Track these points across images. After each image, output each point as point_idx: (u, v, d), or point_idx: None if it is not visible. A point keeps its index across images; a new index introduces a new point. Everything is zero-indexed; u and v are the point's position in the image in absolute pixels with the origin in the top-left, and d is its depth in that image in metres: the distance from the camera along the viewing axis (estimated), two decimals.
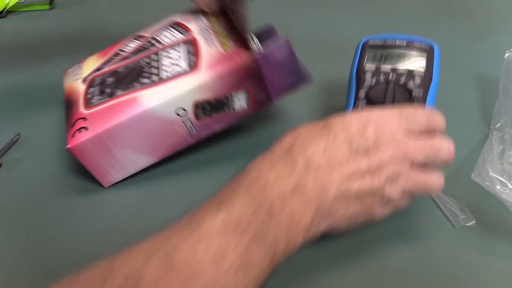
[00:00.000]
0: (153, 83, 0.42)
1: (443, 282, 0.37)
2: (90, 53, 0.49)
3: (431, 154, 0.36)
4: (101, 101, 0.42)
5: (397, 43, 0.47)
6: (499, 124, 0.49)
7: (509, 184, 0.39)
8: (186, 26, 0.47)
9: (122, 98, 0.42)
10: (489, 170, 0.40)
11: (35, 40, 0.68)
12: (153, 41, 0.47)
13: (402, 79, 0.44)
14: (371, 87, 0.44)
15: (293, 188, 0.32)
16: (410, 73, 0.45)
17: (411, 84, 0.44)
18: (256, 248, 0.30)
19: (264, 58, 0.41)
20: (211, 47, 0.43)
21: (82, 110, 0.42)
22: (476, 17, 0.74)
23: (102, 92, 0.43)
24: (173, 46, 0.45)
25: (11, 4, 0.73)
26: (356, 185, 0.33)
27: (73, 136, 0.41)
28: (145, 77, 0.42)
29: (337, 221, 0.34)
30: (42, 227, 0.41)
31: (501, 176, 0.39)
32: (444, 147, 0.37)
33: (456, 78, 0.60)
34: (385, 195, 0.35)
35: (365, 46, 0.49)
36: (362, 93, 0.44)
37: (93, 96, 0.44)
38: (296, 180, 0.32)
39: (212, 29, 0.45)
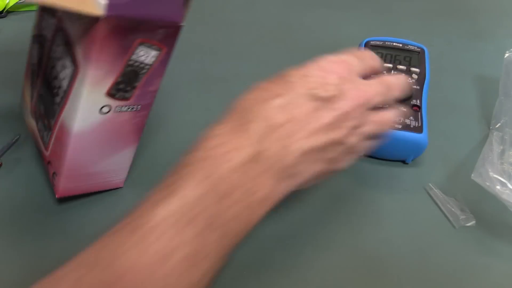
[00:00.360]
0: (63, 101, 0.37)
1: (443, 282, 0.37)
2: None
3: (388, 93, 0.35)
4: (48, 137, 0.40)
5: (394, 44, 0.55)
6: (499, 124, 0.49)
7: (509, 184, 0.39)
8: (52, 9, 0.38)
9: (56, 128, 0.39)
10: (489, 170, 0.40)
11: None
12: (41, 39, 0.40)
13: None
14: None
15: (249, 159, 0.29)
16: (408, 70, 0.51)
17: (410, 80, 0.49)
18: (209, 236, 0.27)
19: (113, 7, 0.32)
20: (75, 26, 0.35)
21: (45, 152, 0.41)
22: (476, 17, 0.74)
23: (45, 127, 0.41)
24: (53, 40, 0.38)
25: (11, 4, 0.73)
26: (321, 141, 0.31)
27: (53, 184, 0.41)
28: (56, 94, 0.38)
29: (302, 181, 0.32)
30: (42, 227, 0.41)
31: (501, 176, 0.39)
32: (396, 81, 0.36)
33: (456, 78, 0.60)
34: (350, 145, 0.33)
35: (367, 46, 0.55)
36: None
37: (42, 133, 0.42)
38: (252, 149, 0.29)
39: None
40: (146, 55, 0.36)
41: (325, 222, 0.42)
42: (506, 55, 0.53)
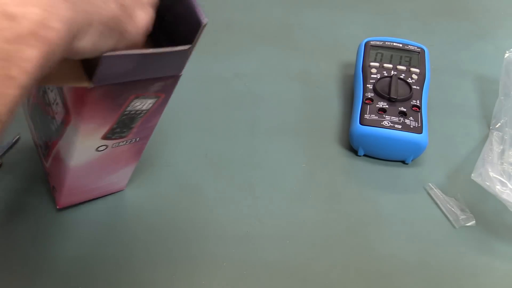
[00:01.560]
0: (58, 133, 0.35)
1: (443, 282, 0.37)
2: None
3: None
4: (46, 153, 0.39)
5: (394, 44, 0.55)
6: (499, 124, 0.49)
7: (509, 184, 0.39)
8: None
9: (52, 152, 0.37)
10: (489, 170, 0.40)
11: None
12: None
13: (402, 75, 0.50)
14: (377, 81, 0.50)
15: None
16: (408, 70, 0.51)
17: (410, 80, 0.50)
18: None
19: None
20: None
21: (44, 161, 0.41)
22: (476, 17, 0.74)
23: (43, 142, 0.39)
24: None
25: None
26: None
27: (54, 195, 0.40)
28: (51, 119, 0.35)
29: (95, 28, 0.24)
30: (43, 227, 0.41)
31: (501, 176, 0.39)
32: None
33: (456, 78, 0.60)
34: None
35: (367, 46, 0.55)
36: (369, 86, 0.49)
37: (41, 143, 0.41)
38: None
39: None
40: (143, 104, 0.33)
41: (325, 222, 0.42)
42: (506, 55, 0.53)
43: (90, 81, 0.28)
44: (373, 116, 0.46)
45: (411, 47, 0.54)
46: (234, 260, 0.39)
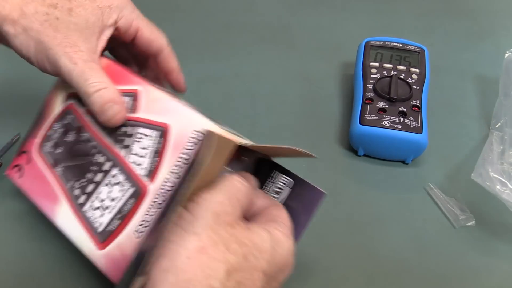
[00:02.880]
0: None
1: (443, 282, 0.37)
2: None
3: None
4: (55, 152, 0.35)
5: (394, 44, 0.55)
6: (499, 124, 0.49)
7: (509, 184, 0.39)
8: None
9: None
10: (489, 170, 0.40)
11: None
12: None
13: (402, 75, 0.50)
14: (377, 80, 0.50)
15: None
16: (408, 70, 0.51)
17: (410, 80, 0.50)
18: None
19: None
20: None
21: (35, 139, 0.36)
22: (476, 17, 0.74)
23: (56, 145, 0.35)
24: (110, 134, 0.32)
25: None
26: None
27: (12, 168, 0.37)
28: (87, 184, 0.32)
29: None
30: (43, 226, 0.41)
31: (501, 176, 0.39)
32: None
33: (456, 78, 0.60)
34: None
35: (367, 46, 0.55)
36: (369, 86, 0.50)
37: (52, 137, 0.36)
38: None
39: None
40: None
41: (325, 222, 0.42)
42: (506, 55, 0.53)
43: None
44: (373, 116, 0.46)
45: (411, 47, 0.54)
46: None
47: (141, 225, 0.28)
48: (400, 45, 0.55)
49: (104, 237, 0.30)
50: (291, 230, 0.31)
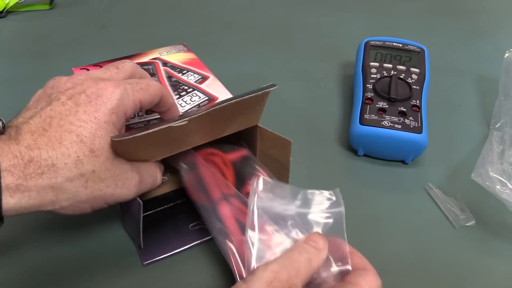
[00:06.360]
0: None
1: (443, 282, 0.37)
2: (90, 53, 0.49)
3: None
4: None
5: (394, 44, 0.55)
6: (499, 124, 0.49)
7: (509, 184, 0.39)
8: None
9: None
10: (489, 170, 0.40)
11: (35, 40, 0.68)
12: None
13: (402, 75, 0.50)
14: (377, 80, 0.50)
15: None
16: (408, 70, 0.51)
17: (410, 80, 0.50)
18: None
19: None
20: None
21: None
22: (476, 17, 0.74)
23: None
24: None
25: (11, 4, 0.73)
26: None
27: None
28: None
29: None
30: (43, 225, 0.41)
31: (501, 176, 0.39)
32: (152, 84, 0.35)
33: (456, 78, 0.60)
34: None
35: (367, 46, 0.55)
36: (369, 86, 0.50)
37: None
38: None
39: None
40: None
41: None
42: (506, 55, 0.53)
43: None
44: (373, 116, 0.46)
45: (411, 47, 0.55)
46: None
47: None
48: (400, 45, 0.55)
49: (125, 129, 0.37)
50: None
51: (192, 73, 0.47)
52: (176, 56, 0.50)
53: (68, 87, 0.32)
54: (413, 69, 0.51)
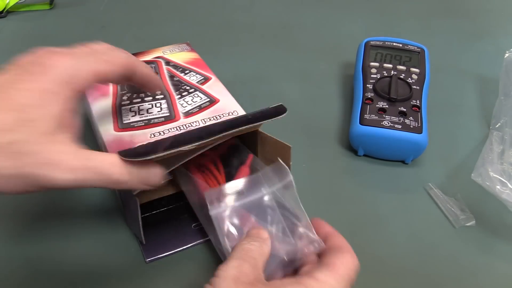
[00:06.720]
0: None
1: (443, 282, 0.37)
2: None
3: None
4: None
5: (394, 44, 0.55)
6: (499, 124, 0.49)
7: (509, 184, 0.39)
8: None
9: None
10: (489, 170, 0.40)
11: (35, 40, 0.68)
12: None
13: (402, 75, 0.50)
14: (377, 80, 0.50)
15: None
16: (408, 70, 0.51)
17: (410, 80, 0.50)
18: None
19: None
20: None
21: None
22: (476, 17, 0.74)
23: None
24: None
25: (11, 4, 0.73)
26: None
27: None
28: None
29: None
30: (43, 225, 0.41)
31: (501, 176, 0.39)
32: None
33: (456, 78, 0.60)
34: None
35: (367, 46, 0.55)
36: (369, 86, 0.50)
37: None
38: None
39: None
40: None
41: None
42: (506, 55, 0.53)
43: None
44: (373, 116, 0.46)
45: (411, 47, 0.55)
46: None
47: (159, 133, 0.38)
48: (400, 45, 0.55)
49: (124, 127, 0.39)
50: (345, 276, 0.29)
51: (194, 74, 0.47)
52: (179, 56, 0.50)
53: (27, 59, 0.32)
54: (413, 69, 0.51)
